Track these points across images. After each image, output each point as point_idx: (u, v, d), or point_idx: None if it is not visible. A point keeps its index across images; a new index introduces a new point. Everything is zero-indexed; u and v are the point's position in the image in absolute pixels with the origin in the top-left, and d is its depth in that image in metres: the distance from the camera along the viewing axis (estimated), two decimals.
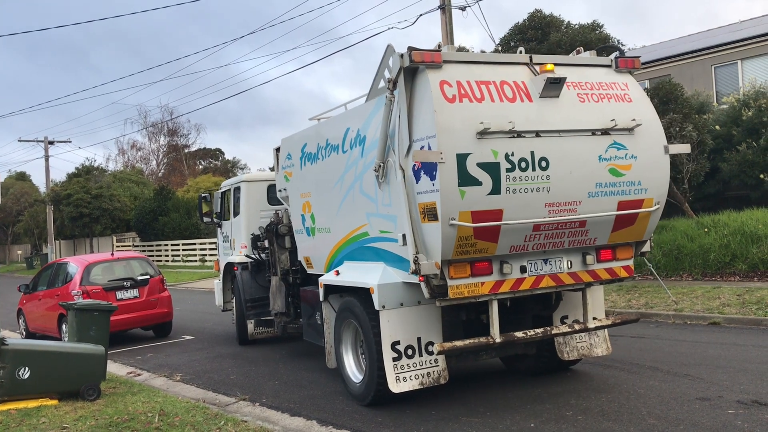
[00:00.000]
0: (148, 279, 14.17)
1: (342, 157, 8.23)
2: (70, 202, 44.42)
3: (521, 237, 6.81)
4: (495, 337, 6.96)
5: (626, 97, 7.40)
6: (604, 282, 7.48)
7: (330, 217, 8.71)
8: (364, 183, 7.74)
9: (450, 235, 6.50)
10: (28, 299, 15.59)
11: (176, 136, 69.78)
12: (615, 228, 7.22)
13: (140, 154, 69.02)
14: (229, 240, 13.39)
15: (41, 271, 15.85)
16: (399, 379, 7.23)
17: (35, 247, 61.40)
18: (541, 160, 6.73)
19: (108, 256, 14.75)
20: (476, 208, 6.50)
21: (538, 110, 6.90)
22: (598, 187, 7.01)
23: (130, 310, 13.69)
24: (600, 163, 7.01)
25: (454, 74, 6.77)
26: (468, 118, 6.55)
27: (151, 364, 11.68)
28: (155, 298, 14.18)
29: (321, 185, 8.87)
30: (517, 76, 7.06)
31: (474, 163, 6.47)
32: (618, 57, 7.63)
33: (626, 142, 7.17)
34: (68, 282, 13.88)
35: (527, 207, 6.69)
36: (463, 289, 6.78)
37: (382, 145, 7.16)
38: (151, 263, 14.78)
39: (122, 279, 14.01)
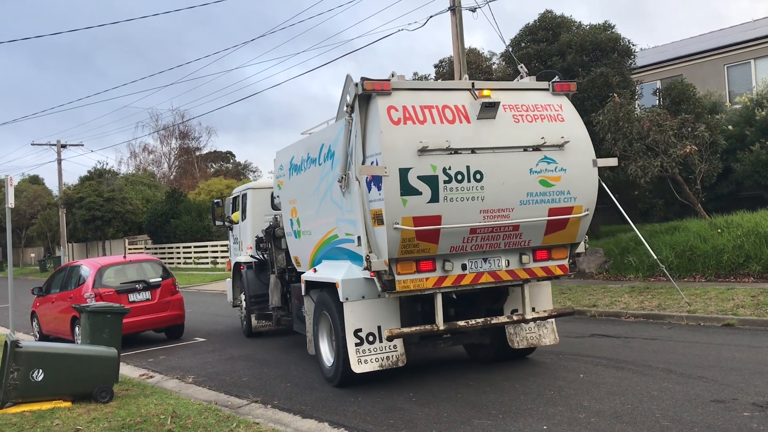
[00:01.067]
0: (160, 281, 14.23)
1: (318, 169, 9.53)
2: (82, 205, 44.67)
3: (459, 239, 8.03)
4: (439, 325, 8.19)
5: (559, 117, 8.62)
6: (540, 279, 8.66)
7: (310, 221, 9.96)
8: (333, 192, 8.98)
9: (395, 237, 7.75)
10: (41, 302, 15.69)
11: (188, 139, 70.09)
12: (547, 231, 8.44)
13: (152, 157, 69.43)
14: (238, 241, 14.96)
15: (54, 274, 15.95)
16: (360, 361, 8.41)
17: (48, 250, 61.84)
18: (476, 173, 8.00)
19: (120, 258, 14.82)
20: (417, 214, 7.76)
21: (475, 130, 8.15)
22: (529, 196, 8.26)
23: (142, 313, 13.75)
24: (531, 175, 8.26)
25: (401, 100, 8.05)
26: (410, 138, 7.82)
27: (163, 366, 11.73)
28: (167, 300, 14.24)
29: (304, 193, 10.15)
30: (458, 100, 8.29)
31: (415, 176, 7.75)
32: (554, 82, 8.88)
33: (556, 157, 8.40)
34: (81, 285, 13.96)
35: (463, 213, 7.93)
36: (410, 284, 8.03)
37: (344, 160, 8.45)
38: (163, 266, 14.84)
39: (134, 281, 14.07)
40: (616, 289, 15.27)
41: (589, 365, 9.06)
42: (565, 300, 14.83)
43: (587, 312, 13.45)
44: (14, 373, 8.35)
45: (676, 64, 25.53)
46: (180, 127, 67.70)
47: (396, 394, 8.31)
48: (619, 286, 15.63)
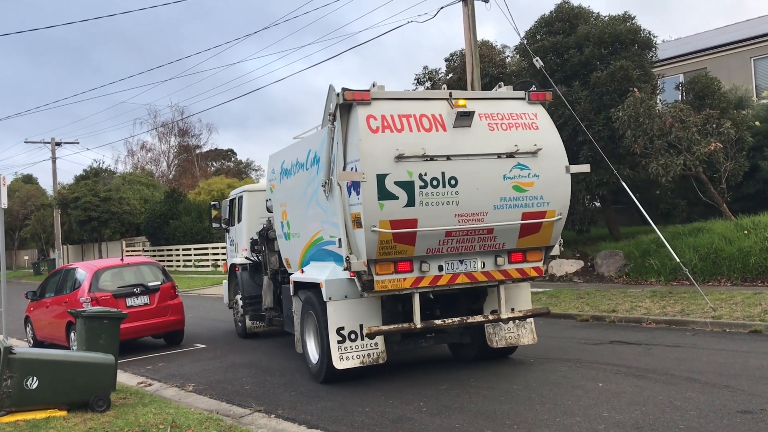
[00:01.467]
0: (159, 285, 14.29)
1: (306, 173, 10.37)
2: (78, 206, 44.79)
3: (435, 241, 8.80)
4: (417, 323, 8.96)
5: (534, 125, 9.36)
6: (515, 280, 9.40)
7: (299, 223, 10.80)
8: (318, 196, 9.76)
9: (372, 239, 8.53)
10: (35, 306, 15.78)
11: (187, 137, 70.32)
12: (521, 235, 9.18)
13: (150, 155, 69.69)
14: (234, 243, 15.86)
15: (49, 278, 16.04)
16: (342, 358, 9.23)
17: (42, 252, 62.11)
18: (451, 178, 8.74)
19: (117, 261, 14.89)
20: (394, 217, 8.53)
21: (450, 138, 8.90)
22: (503, 201, 9.01)
23: (140, 318, 13.81)
24: (505, 181, 9.02)
25: (380, 109, 8.80)
26: (388, 146, 8.59)
27: (162, 373, 11.78)
28: (166, 305, 14.29)
29: (293, 197, 11.00)
30: (435, 109, 9.06)
31: (392, 182, 8.51)
32: (530, 91, 9.66)
33: (529, 164, 9.15)
34: (77, 289, 14.04)
35: (439, 217, 8.70)
36: (388, 284, 8.80)
37: (327, 165, 9.24)
38: (162, 269, 14.90)
39: (132, 285, 14.14)
40: (636, 294, 15.24)
41: (608, 374, 9.04)
42: (583, 305, 14.81)
43: (606, 318, 13.43)
44: (8, 380, 8.39)
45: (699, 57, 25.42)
46: (179, 124, 67.94)
47: (405, 404, 8.32)
48: (639, 291, 15.59)
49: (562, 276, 19.54)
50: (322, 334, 9.49)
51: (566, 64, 20.00)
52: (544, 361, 10.14)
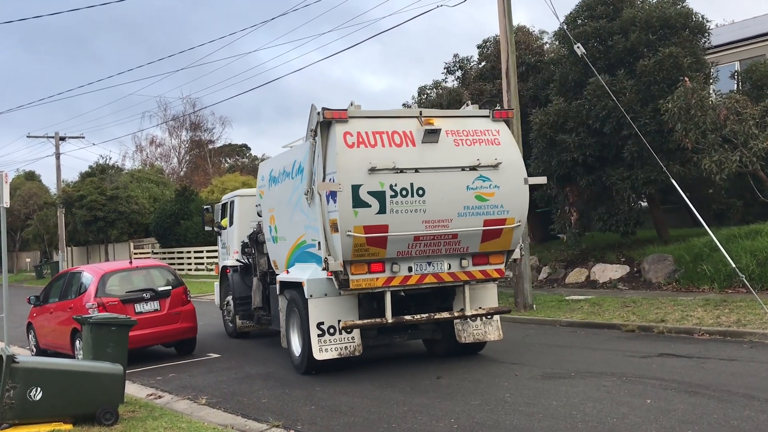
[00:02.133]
0: (169, 290, 14.42)
1: (291, 182, 12.42)
2: (83, 205, 45.25)
3: (405, 245, 10.70)
4: (388, 318, 10.87)
5: (496, 141, 11.32)
6: (479, 281, 11.39)
7: (285, 228, 12.84)
8: (302, 203, 11.76)
9: (348, 243, 10.40)
10: (38, 312, 15.99)
11: (199, 131, 70.92)
12: (483, 239, 11.10)
13: (160, 151, 70.35)
14: (226, 246, 17.73)
15: (52, 281, 16.25)
16: (322, 350, 11.07)
17: (45, 255, 62.97)
18: (418, 189, 10.66)
19: (126, 264, 15.04)
20: (367, 223, 10.42)
21: (419, 153, 10.82)
22: (466, 209, 10.91)
23: (150, 325, 13.94)
24: (468, 191, 10.94)
25: (356, 127, 10.69)
26: (362, 159, 10.48)
27: (173, 385, 11.89)
28: (178, 311, 14.41)
29: (280, 203, 13.06)
30: (406, 126, 10.97)
31: (365, 191, 10.41)
32: (494, 110, 11.68)
33: (491, 176, 11.07)
34: (82, 293, 14.20)
35: (408, 223, 10.60)
36: (362, 282, 10.69)
37: (309, 176, 11.27)
38: (172, 272, 15.03)
39: (141, 290, 14.27)
40: (687, 302, 15.12)
41: (657, 389, 8.96)
42: (628, 314, 14.70)
43: (654, 328, 13.32)
44: (10, 391, 8.51)
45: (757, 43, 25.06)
46: (191, 117, 68.52)
47: (435, 420, 8.30)
48: (691, 299, 15.46)
49: (605, 282, 19.43)
50: (304, 328, 11.38)
51: (610, 51, 19.84)
52: (586, 376, 10.08)
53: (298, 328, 11.79)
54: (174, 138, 70.81)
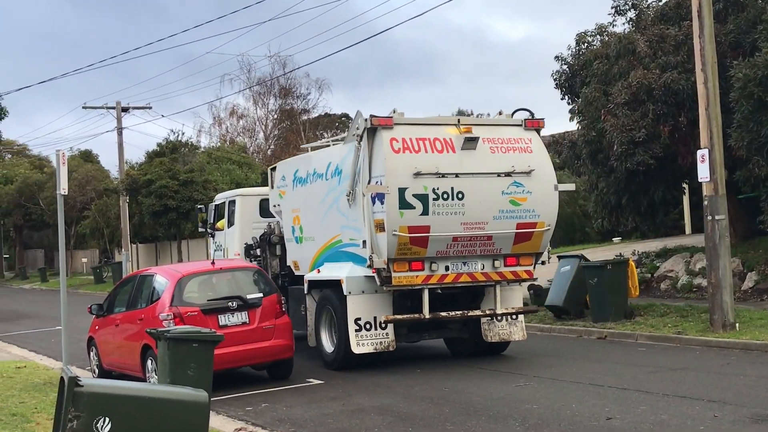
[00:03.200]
0: (260, 298, 14.73)
1: (325, 183, 16.40)
2: (151, 191, 45.95)
3: (444, 245, 14.67)
4: (426, 314, 14.80)
5: (528, 149, 15.41)
6: (510, 281, 15.49)
7: (314, 228, 16.77)
8: (340, 203, 15.68)
9: (393, 242, 14.35)
10: (101, 324, 16.69)
11: (291, 98, 72.26)
12: (516, 242, 15.11)
13: (242, 123, 72.12)
14: (222, 248, 21.33)
15: (118, 287, 16.94)
16: (359, 344, 14.92)
17: (105, 254, 65.44)
18: (458, 193, 14.65)
19: (207, 265, 15.47)
20: (411, 224, 14.37)
21: (458, 159, 14.85)
22: (501, 213, 14.94)
23: (237, 342, 14.25)
24: (503, 196, 14.97)
25: (401, 133, 14.74)
26: (407, 164, 14.48)
27: (266, 417, 12.16)
28: (271, 324, 14.72)
29: (308, 203, 17.08)
30: (446, 133, 15.04)
31: (410, 194, 14.38)
32: (526, 119, 15.68)
33: (524, 182, 15.10)
34: (155, 302, 14.72)
35: (448, 224, 14.59)
36: (403, 280, 14.65)
37: (351, 178, 15.18)
38: (264, 276, 15.38)
39: (226, 298, 14.64)
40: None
41: None
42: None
43: None
44: (73, 421, 8.85)
45: None
46: (280, 80, 69.78)
47: None
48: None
49: None
50: (339, 325, 15.27)
51: None
52: None
53: (329, 327, 15.80)
54: (260, 107, 72.42)
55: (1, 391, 14.38)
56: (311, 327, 16.26)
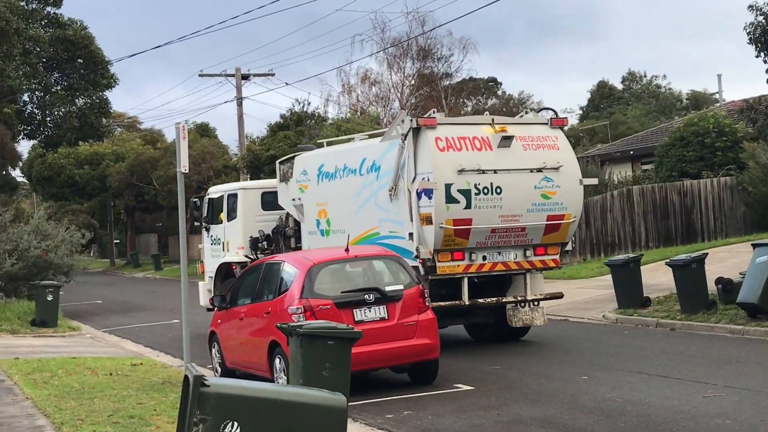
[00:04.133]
0: (401, 291, 14.84)
1: (359, 178, 20.01)
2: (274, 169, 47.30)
3: (483, 236, 18.22)
4: (465, 300, 18.34)
5: (555, 146, 19.15)
6: (539, 269, 19.29)
7: (344, 221, 20.23)
8: (378, 198, 19.24)
9: (439, 234, 17.72)
10: (224, 318, 17.12)
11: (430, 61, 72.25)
12: (545, 233, 18.76)
13: (375, 91, 72.45)
14: (221, 242, 24.85)
15: (243, 276, 17.37)
16: None
17: None
18: (497, 188, 18.20)
19: (340, 252, 15.61)
20: (456, 217, 17.89)
21: (495, 156, 18.45)
22: (533, 206, 18.56)
23: (374, 340, 14.34)
24: (535, 190, 18.59)
25: (443, 132, 18.32)
26: (451, 161, 18.01)
27: (410, 426, 12.30)
28: (412, 321, 14.80)
29: (338, 198, 20.69)
30: (483, 133, 18.66)
31: (455, 189, 17.88)
32: (552, 118, 19.52)
33: (553, 177, 18.76)
34: (283, 293, 15.02)
35: (487, 217, 18.14)
36: (446, 269, 18.10)
37: (395, 174, 18.56)
38: (405, 265, 15.47)
39: (362, 290, 14.81)
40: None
41: None
42: None
43: None
44: (199, 425, 9.09)
45: None
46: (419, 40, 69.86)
47: None
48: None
49: None
50: None
51: None
52: None
53: None
54: (395, 72, 72.52)
55: (117, 391, 14.92)
56: None
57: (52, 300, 27.40)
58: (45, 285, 27.76)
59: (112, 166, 74.27)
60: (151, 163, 69.10)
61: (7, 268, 31.55)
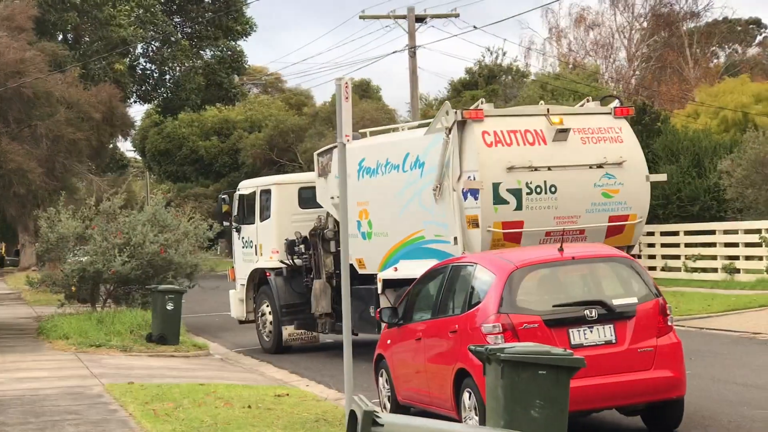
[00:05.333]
0: (634, 305, 14.65)
1: (402, 175, 22.78)
2: None
3: (537, 239, 20.77)
4: None
5: (619, 138, 22.03)
6: None
7: (387, 223, 23.19)
8: (422, 197, 22.00)
9: (487, 238, 20.58)
10: (395, 337, 17.16)
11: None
12: (608, 235, 21.36)
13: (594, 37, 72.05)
14: (253, 245, 28.07)
15: (420, 282, 17.36)
16: None
17: None
18: (551, 186, 21.03)
19: (552, 253, 15.40)
20: (505, 219, 20.76)
21: (550, 151, 21.26)
22: (593, 206, 21.38)
23: (597, 371, 14.08)
24: (595, 188, 21.43)
25: (492, 126, 21.12)
26: (500, 158, 20.83)
27: None
28: (649, 346, 14.55)
29: (381, 196, 23.36)
30: (537, 125, 21.47)
31: (504, 189, 20.70)
32: (615, 107, 22.34)
33: (615, 173, 21.57)
34: (474, 305, 14.95)
35: (541, 219, 21.00)
36: None
37: (439, 172, 21.26)
38: (639, 270, 15.22)
39: (581, 303, 14.62)
40: None
41: None
42: None
43: None
44: None
45: None
46: None
47: None
48: None
49: None
50: None
51: None
52: None
53: None
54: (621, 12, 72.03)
55: (259, 429, 15.21)
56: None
57: (173, 310, 28.18)
58: (164, 290, 28.60)
59: (246, 138, 75.79)
60: (296, 133, 70.09)
61: (117, 267, 32.45)
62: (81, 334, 28.59)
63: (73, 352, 26.65)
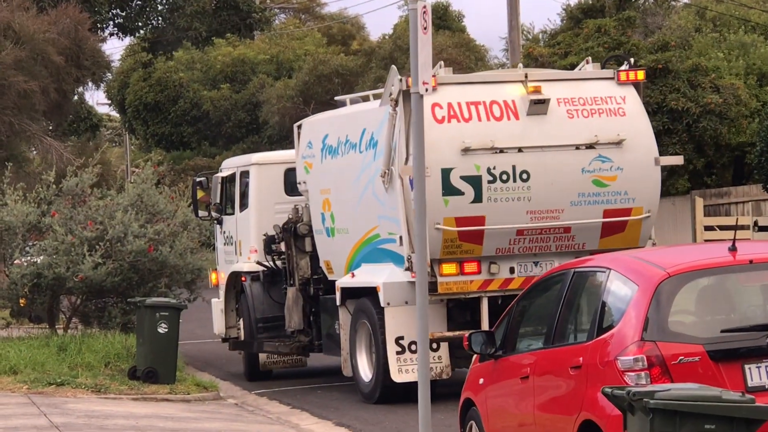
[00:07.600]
0: None
1: (359, 156, 27.91)
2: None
3: (506, 240, 26.38)
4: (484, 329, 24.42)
5: (620, 111, 26.50)
6: None
7: (348, 216, 28.31)
8: (375, 185, 26.70)
9: (436, 238, 25.23)
10: (489, 375, 17.23)
11: None
12: (604, 234, 26.55)
13: None
14: (233, 242, 30.67)
15: (526, 296, 17.38)
16: (401, 370, 25.33)
17: None
18: (522, 172, 25.96)
19: (720, 253, 15.42)
20: (459, 214, 25.88)
21: (523, 127, 26.41)
22: (581, 197, 26.37)
23: None
24: (583, 174, 26.35)
25: (446, 96, 26.04)
26: (453, 137, 26.02)
27: None
28: None
29: (341, 182, 28.58)
30: (507, 95, 26.40)
31: (457, 176, 25.72)
32: (619, 70, 26.87)
33: (612, 155, 26.43)
34: (607, 329, 14.97)
35: (509, 214, 26.15)
36: (452, 286, 26.11)
37: (387, 154, 26.15)
38: None
39: (763, 328, 14.57)
40: None
41: None
42: None
43: None
44: None
45: None
46: None
47: None
48: None
49: None
50: (377, 345, 24.26)
51: None
52: None
53: (367, 348, 24.76)
54: None
55: None
56: (345, 351, 25.97)
57: (167, 333, 28.22)
58: (155, 306, 28.74)
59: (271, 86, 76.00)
60: (344, 78, 70.26)
61: (87, 272, 32.10)
62: (35, 367, 28.68)
63: (24, 393, 26.81)
